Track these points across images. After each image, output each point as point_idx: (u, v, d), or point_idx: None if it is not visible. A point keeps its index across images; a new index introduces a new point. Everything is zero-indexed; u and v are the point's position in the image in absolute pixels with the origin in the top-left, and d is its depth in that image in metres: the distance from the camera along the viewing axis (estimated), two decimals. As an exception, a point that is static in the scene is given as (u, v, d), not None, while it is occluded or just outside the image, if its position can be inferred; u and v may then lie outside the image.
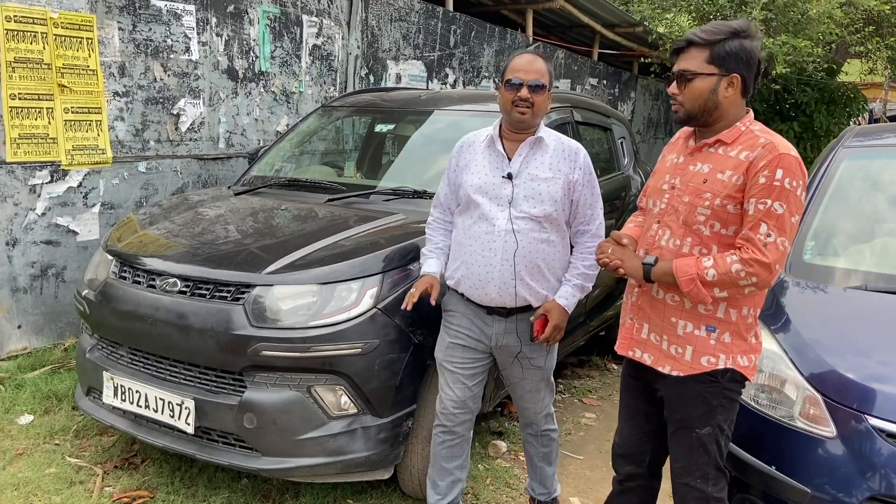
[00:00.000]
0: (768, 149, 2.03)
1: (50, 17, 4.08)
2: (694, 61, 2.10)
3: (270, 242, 3.10)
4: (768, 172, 1.99)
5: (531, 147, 2.57)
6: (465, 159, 2.66)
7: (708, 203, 2.08)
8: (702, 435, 2.18)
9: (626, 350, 2.31)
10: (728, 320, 2.13)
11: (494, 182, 2.55)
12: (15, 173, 4.04)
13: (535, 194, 2.52)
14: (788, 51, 9.41)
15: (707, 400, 2.17)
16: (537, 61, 2.55)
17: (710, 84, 2.08)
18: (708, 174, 2.11)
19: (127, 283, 3.01)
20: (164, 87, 4.75)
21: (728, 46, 2.06)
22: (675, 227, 2.16)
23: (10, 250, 4.08)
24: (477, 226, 2.55)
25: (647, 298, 2.24)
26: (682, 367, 2.17)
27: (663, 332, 2.20)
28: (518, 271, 2.52)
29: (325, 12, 5.93)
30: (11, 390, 3.83)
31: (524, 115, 2.52)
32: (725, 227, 2.08)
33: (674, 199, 2.17)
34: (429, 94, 4.63)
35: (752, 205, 2.01)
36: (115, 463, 3.27)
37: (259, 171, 4.24)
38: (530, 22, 9.16)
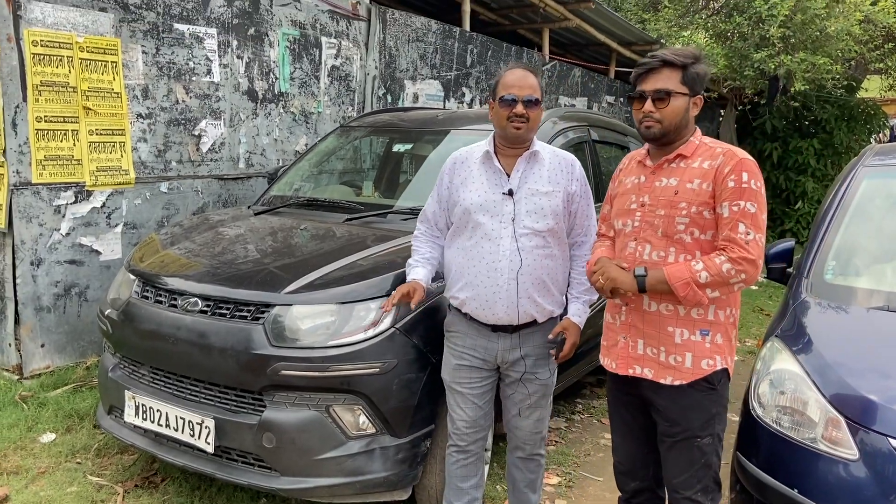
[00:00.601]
0: (728, 156, 2.20)
1: (76, 41, 4.17)
2: (670, 81, 2.24)
3: (289, 262, 3.13)
4: (735, 177, 2.15)
5: (528, 161, 2.58)
6: (460, 177, 2.65)
7: (685, 212, 2.20)
8: (703, 445, 2.25)
9: (626, 369, 2.34)
10: (718, 321, 2.24)
11: (495, 199, 2.55)
12: (40, 194, 4.11)
13: (537, 209, 2.53)
14: (807, 68, 9.39)
15: (707, 408, 2.25)
16: (529, 76, 2.57)
17: (684, 104, 2.24)
18: (678, 186, 2.23)
19: (149, 303, 3.04)
20: (185, 108, 4.83)
21: (695, 69, 2.24)
22: (655, 240, 2.25)
23: (34, 270, 4.15)
24: (480, 245, 2.54)
25: (639, 314, 2.30)
26: (683, 374, 2.24)
27: (660, 343, 2.26)
28: (524, 289, 2.52)
29: (344, 34, 6.01)
30: (34, 409, 3.88)
31: (519, 131, 2.53)
32: (703, 232, 2.20)
33: (647, 215, 2.28)
34: (446, 114, 4.66)
35: (726, 207, 2.15)
36: (135, 482, 3.29)
37: (278, 191, 4.28)
38: (546, 41, 9.22)
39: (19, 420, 3.74)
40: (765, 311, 7.63)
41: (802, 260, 3.10)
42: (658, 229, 2.24)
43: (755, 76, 9.97)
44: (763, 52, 9.36)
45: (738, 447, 2.56)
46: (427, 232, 2.78)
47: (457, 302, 2.63)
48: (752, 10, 9.33)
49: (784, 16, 9.02)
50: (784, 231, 11.78)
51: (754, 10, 9.29)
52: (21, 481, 3.24)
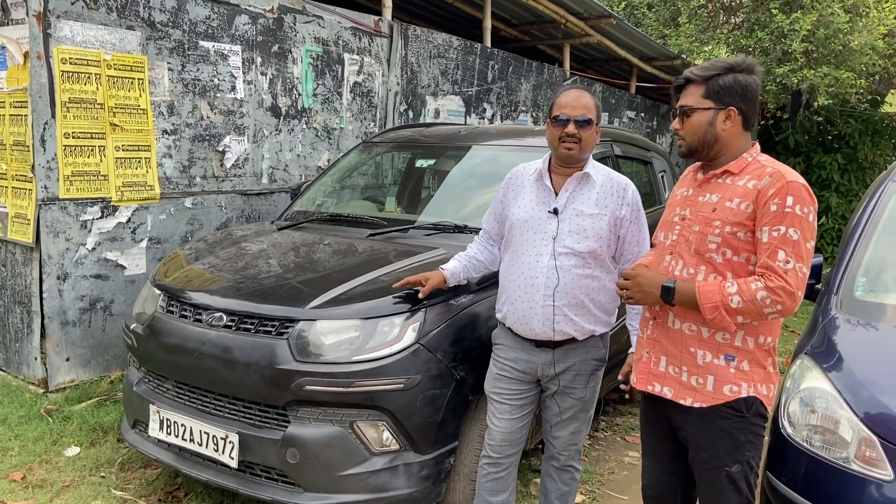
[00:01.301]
0: (776, 177, 2.07)
1: (104, 58, 4.24)
2: (692, 97, 2.19)
3: (313, 277, 3.14)
4: (779, 200, 2.03)
5: (578, 182, 2.58)
6: (513, 192, 2.69)
7: (718, 231, 2.11)
8: (732, 473, 2.16)
9: (645, 385, 2.29)
10: (746, 349, 2.14)
11: (540, 217, 2.56)
12: (68, 209, 4.17)
13: (579, 230, 2.52)
14: (830, 82, 9.31)
15: (734, 436, 2.15)
16: (584, 96, 2.57)
17: (707, 118, 2.16)
18: (717, 203, 2.15)
19: (174, 317, 3.06)
20: (210, 124, 4.88)
21: (722, 81, 2.14)
22: (688, 256, 2.18)
23: (60, 284, 4.19)
24: (520, 260, 2.57)
25: (663, 330, 2.23)
26: (703, 397, 2.15)
27: (682, 363, 2.19)
28: (559, 307, 2.51)
29: (366, 50, 6.05)
30: (59, 422, 3.91)
31: (571, 151, 2.53)
32: (737, 254, 2.10)
33: (684, 230, 2.21)
34: (468, 130, 4.67)
35: (766, 232, 2.04)
36: (158, 496, 3.30)
37: (301, 206, 4.31)
38: (567, 56, 9.23)
39: (44, 433, 3.77)
40: (790, 327, 7.52)
41: (831, 276, 3.06)
42: (691, 245, 2.17)
43: (777, 91, 9.90)
44: (785, 66, 9.30)
45: (768, 466, 2.51)
46: (483, 237, 2.86)
47: (500, 315, 2.68)
48: (774, 25, 9.28)
49: (806, 30, 8.96)
50: (808, 247, 11.61)
51: (776, 25, 9.24)
52: (46, 495, 3.25)
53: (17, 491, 3.28)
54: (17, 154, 4.16)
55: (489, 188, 3.67)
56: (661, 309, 2.23)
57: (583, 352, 2.61)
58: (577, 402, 2.65)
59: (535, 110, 8.41)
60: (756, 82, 2.16)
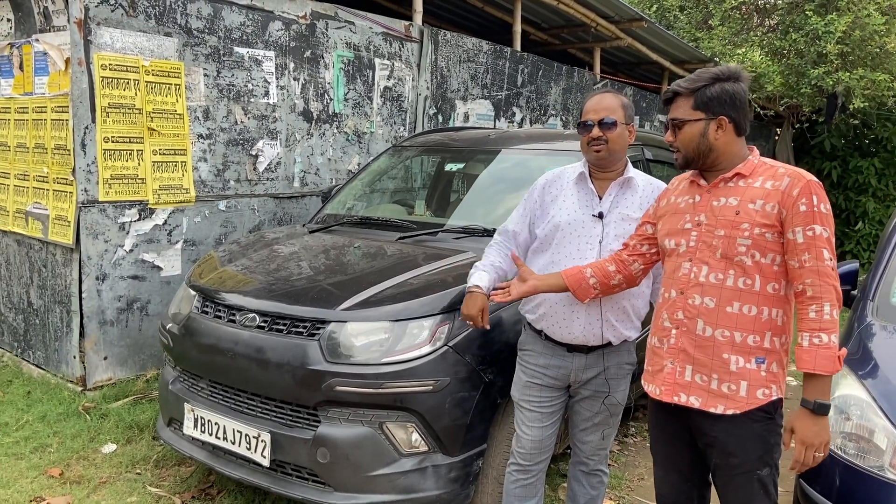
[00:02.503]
0: (796, 178, 2.10)
1: (142, 64, 4.34)
2: (681, 109, 2.21)
3: (343, 279, 3.18)
4: (806, 200, 2.06)
5: (621, 187, 2.58)
6: (551, 194, 2.66)
7: (748, 234, 2.10)
8: (763, 477, 2.15)
9: (671, 396, 2.23)
10: (773, 349, 2.14)
11: (584, 220, 2.55)
12: (106, 212, 4.27)
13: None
14: (867, 85, 9.15)
15: (765, 439, 2.15)
16: (605, 98, 2.57)
17: (699, 129, 2.18)
18: (739, 206, 2.14)
19: (209, 318, 3.12)
20: (244, 129, 4.96)
21: (710, 92, 2.16)
22: (714, 261, 2.15)
23: (99, 284, 4.29)
24: (564, 263, 2.54)
25: (690, 339, 2.19)
26: (737, 404, 2.13)
27: (712, 371, 2.15)
28: (604, 312, 2.51)
29: (397, 55, 6.11)
30: (96, 420, 4.00)
31: (600, 153, 2.53)
32: (764, 255, 2.10)
33: (704, 235, 2.18)
34: (497, 134, 4.68)
35: (800, 233, 2.05)
36: (192, 493, 3.36)
37: (332, 210, 4.36)
38: (598, 60, 9.19)
39: (82, 430, 3.87)
40: (824, 334, 7.39)
41: (867, 282, 3.01)
42: (717, 250, 2.14)
43: (812, 94, 9.76)
44: (820, 68, 9.16)
45: (801, 474, 2.48)
46: (502, 242, 2.76)
47: (532, 318, 2.64)
48: (809, 27, 9.15)
49: (842, 32, 8.82)
50: (844, 252, 11.44)
51: (811, 27, 9.11)
52: (83, 490, 3.34)
53: (55, 487, 3.37)
54: (58, 158, 4.28)
55: (518, 192, 3.67)
56: (686, 318, 2.19)
57: (615, 356, 2.61)
58: (606, 407, 2.65)
59: (565, 114, 8.40)
60: (743, 89, 2.19)
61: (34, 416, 4.00)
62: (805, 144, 12.47)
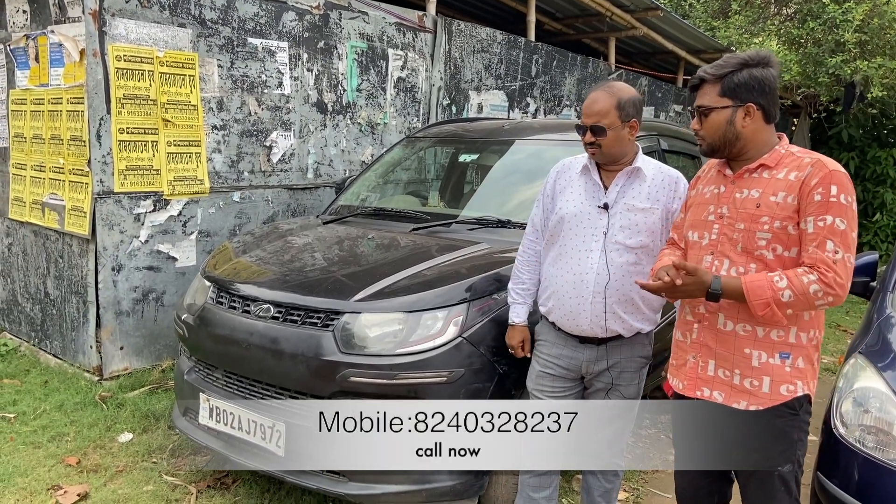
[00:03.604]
0: (818, 167, 2.03)
1: (156, 56, 4.34)
2: (707, 97, 2.15)
3: (357, 270, 3.18)
4: (822, 189, 1.99)
5: (628, 177, 2.55)
6: (560, 185, 2.66)
7: (767, 227, 2.06)
8: (784, 473, 2.12)
9: (694, 391, 2.21)
10: (800, 345, 2.09)
11: (590, 212, 2.53)
12: (122, 203, 4.29)
13: (631, 225, 2.49)
14: (885, 73, 9.02)
15: (788, 435, 2.11)
16: (598, 101, 2.51)
17: (725, 116, 2.12)
18: (760, 198, 2.09)
19: (223, 308, 3.13)
20: (258, 120, 4.96)
21: (737, 78, 2.10)
22: (735, 255, 2.12)
23: (115, 275, 4.32)
24: (569, 255, 2.54)
25: (712, 333, 2.16)
26: (760, 400, 2.10)
27: (734, 366, 2.12)
28: (610, 304, 2.49)
29: (410, 46, 6.08)
30: (113, 409, 4.03)
31: (594, 155, 2.55)
32: (787, 249, 2.05)
33: (726, 228, 2.15)
34: (511, 124, 4.66)
35: (811, 223, 2.00)
36: (208, 482, 3.38)
37: (346, 201, 4.36)
38: (612, 50, 9.12)
39: (99, 420, 3.90)
40: (842, 326, 7.33)
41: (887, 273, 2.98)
42: (737, 244, 2.11)
43: (830, 83, 9.63)
44: (838, 57, 9.04)
45: (819, 467, 2.46)
46: (531, 248, 2.76)
47: (544, 310, 2.66)
48: (826, 16, 9.03)
49: (859, 20, 8.69)
50: (862, 244, 11.32)
51: (828, 16, 8.98)
52: (100, 479, 3.37)
53: (72, 475, 3.40)
54: (73, 149, 4.30)
55: (532, 183, 3.65)
56: (707, 311, 2.17)
57: (628, 349, 2.59)
58: (623, 399, 2.63)
59: (579, 105, 8.34)
60: (773, 75, 2.12)
61: (51, 406, 4.04)
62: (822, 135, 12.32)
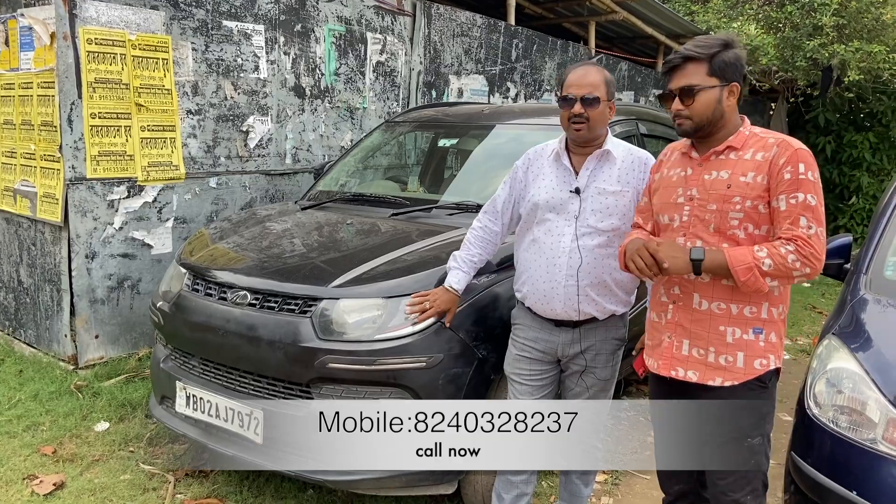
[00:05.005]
0: (783, 146, 2.09)
1: (128, 38, 4.26)
2: (696, 76, 2.15)
3: (336, 256, 3.15)
4: (791, 168, 2.05)
5: (598, 160, 2.54)
6: (533, 172, 2.65)
7: (739, 207, 2.10)
8: (754, 445, 2.18)
9: (669, 370, 2.26)
10: (771, 320, 2.15)
11: (562, 197, 2.53)
12: (95, 189, 4.22)
13: (602, 208, 2.49)
14: (862, 57, 9.09)
15: (758, 408, 2.17)
16: (590, 73, 2.52)
17: (715, 95, 2.14)
18: (730, 179, 2.13)
19: (199, 296, 3.10)
20: (234, 104, 4.90)
21: (725, 57, 2.13)
22: (707, 235, 2.15)
23: (89, 263, 4.26)
24: (542, 241, 2.54)
25: (687, 313, 2.21)
26: (734, 375, 2.15)
27: (709, 344, 2.17)
28: (582, 287, 2.49)
29: (389, 29, 6.02)
30: (89, 398, 3.99)
31: (580, 132, 2.50)
32: (758, 227, 2.11)
33: (697, 210, 2.18)
34: (491, 109, 4.63)
35: (783, 201, 2.05)
36: (186, 471, 3.36)
37: (324, 186, 4.32)
38: (593, 34, 9.10)
39: (74, 409, 3.86)
40: (817, 308, 7.43)
41: (861, 255, 3.01)
42: (710, 224, 2.14)
43: (807, 67, 9.69)
44: (815, 40, 9.09)
45: (793, 447, 2.49)
46: (486, 227, 2.76)
47: (520, 295, 2.66)
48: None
49: (837, 4, 8.74)
50: (838, 227, 11.45)
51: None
52: (76, 468, 3.33)
53: (48, 464, 3.36)
54: (44, 134, 4.22)
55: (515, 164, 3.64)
56: (682, 292, 2.20)
57: (603, 331, 2.60)
58: (597, 382, 2.64)
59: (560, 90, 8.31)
60: (744, 56, 2.19)
61: (26, 395, 3.98)
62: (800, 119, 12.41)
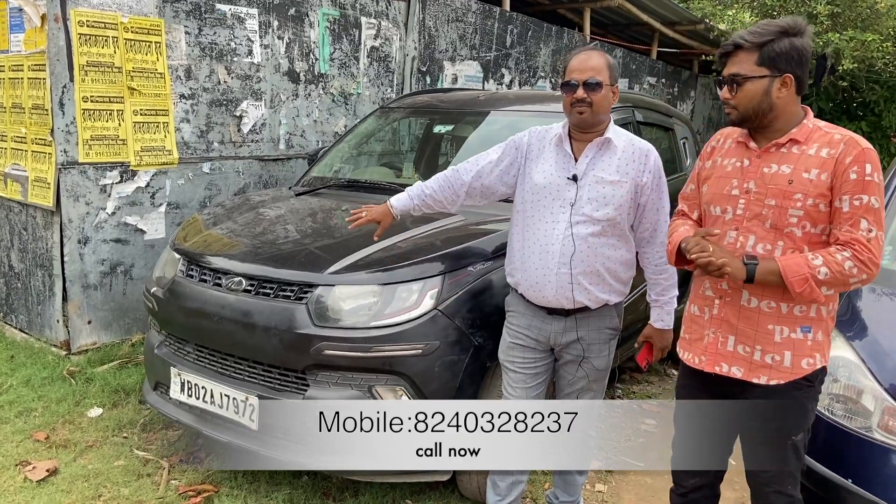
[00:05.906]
0: (851, 144, 1.99)
1: (121, 21, 4.21)
2: (744, 65, 2.05)
3: (331, 243, 3.14)
4: (858, 168, 1.96)
5: (599, 148, 2.51)
6: (534, 152, 2.60)
7: (800, 204, 2.00)
8: (797, 441, 2.12)
9: (713, 366, 2.17)
10: (821, 318, 2.07)
11: (559, 183, 2.50)
12: (87, 173, 4.18)
13: (599, 197, 2.47)
14: (856, 46, 9.09)
15: (804, 405, 2.11)
16: (592, 58, 2.49)
17: (762, 86, 2.03)
18: (791, 174, 2.03)
19: (194, 282, 3.07)
20: (227, 89, 4.85)
21: (778, 47, 2.01)
22: (762, 231, 2.07)
23: (81, 248, 4.22)
24: (535, 227, 2.52)
25: (734, 309, 2.13)
26: (781, 374, 2.07)
27: (756, 342, 2.09)
28: (575, 275, 2.47)
29: (384, 14, 5.97)
30: (82, 384, 3.97)
31: (583, 116, 2.46)
32: (815, 225, 2.02)
33: (753, 204, 2.08)
34: (486, 95, 4.61)
35: (847, 202, 1.96)
36: (180, 457, 3.35)
37: (318, 172, 4.29)
38: (587, 21, 9.06)
39: (67, 395, 3.84)
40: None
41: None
42: (766, 220, 2.05)
43: (802, 56, 9.67)
44: (810, 29, 9.08)
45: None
46: (457, 172, 2.70)
47: (513, 281, 2.64)
48: (800, -13, 9.06)
49: (832, -9, 8.75)
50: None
51: (802, -13, 9.02)
52: (70, 454, 3.32)
53: (41, 450, 3.34)
54: (35, 118, 4.17)
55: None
56: (730, 288, 2.13)
57: (596, 320, 2.58)
58: (592, 371, 2.63)
59: (554, 76, 8.29)
60: (809, 45, 2.05)
61: (18, 381, 3.96)
62: (793, 108, 12.43)
